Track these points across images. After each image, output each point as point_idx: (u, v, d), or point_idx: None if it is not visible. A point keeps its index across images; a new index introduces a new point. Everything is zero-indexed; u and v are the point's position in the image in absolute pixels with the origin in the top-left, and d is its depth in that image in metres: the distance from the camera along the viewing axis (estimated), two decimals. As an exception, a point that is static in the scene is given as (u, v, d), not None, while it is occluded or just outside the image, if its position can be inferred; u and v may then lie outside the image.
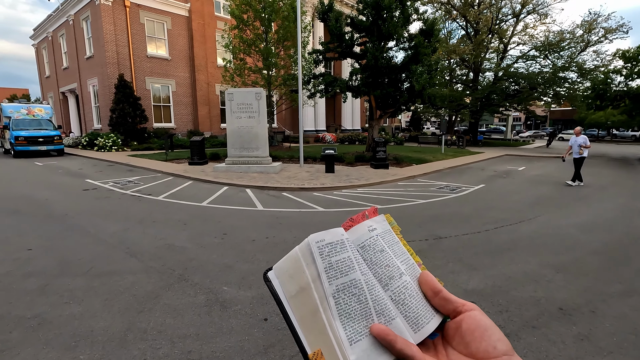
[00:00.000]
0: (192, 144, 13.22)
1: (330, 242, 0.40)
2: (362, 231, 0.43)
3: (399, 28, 13.44)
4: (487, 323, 0.38)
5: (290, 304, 0.39)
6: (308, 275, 0.39)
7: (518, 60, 26.90)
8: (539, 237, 5.26)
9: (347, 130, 30.37)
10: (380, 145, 12.33)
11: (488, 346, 0.36)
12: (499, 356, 0.36)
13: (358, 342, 0.36)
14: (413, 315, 0.40)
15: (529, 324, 2.94)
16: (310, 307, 0.38)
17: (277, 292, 0.40)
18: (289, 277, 0.40)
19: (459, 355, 0.38)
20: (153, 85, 21.57)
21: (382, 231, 0.44)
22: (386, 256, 0.42)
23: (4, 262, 4.19)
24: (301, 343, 0.38)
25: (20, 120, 17.62)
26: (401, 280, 0.41)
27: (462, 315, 0.40)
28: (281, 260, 0.41)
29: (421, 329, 0.39)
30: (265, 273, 0.42)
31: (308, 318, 0.38)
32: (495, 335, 0.37)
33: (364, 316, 0.38)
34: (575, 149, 9.67)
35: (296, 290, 0.39)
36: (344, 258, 0.39)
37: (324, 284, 0.38)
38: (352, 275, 0.39)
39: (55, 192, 8.51)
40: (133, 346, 2.64)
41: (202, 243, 4.89)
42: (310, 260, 0.39)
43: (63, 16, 23.52)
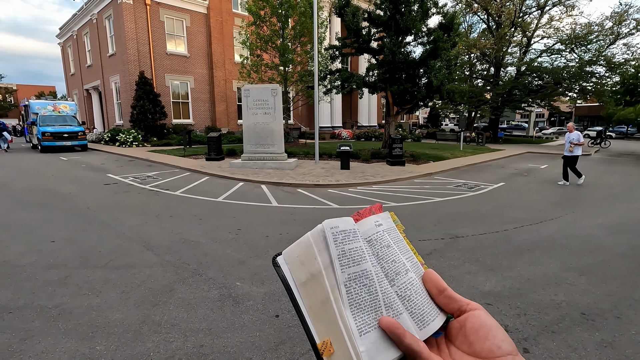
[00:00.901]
0: (210, 140, 13.41)
1: (343, 229, 0.39)
2: (369, 225, 0.42)
3: (417, 22, 13.16)
4: (492, 323, 0.38)
5: (300, 290, 0.38)
6: (320, 262, 0.37)
7: (542, 54, 25.93)
8: (561, 238, 5.07)
9: (364, 126, 30.14)
10: (397, 142, 12.16)
11: (492, 345, 0.36)
12: (504, 355, 0.35)
13: (367, 333, 0.36)
14: (418, 312, 0.39)
15: (549, 329, 2.83)
16: (320, 295, 0.37)
17: (287, 277, 0.39)
18: (300, 264, 0.39)
19: (462, 355, 0.38)
20: (172, 82, 21.97)
21: (387, 227, 0.44)
22: (392, 252, 0.42)
23: (29, 252, 4.36)
24: (310, 332, 0.37)
25: (47, 117, 18.30)
26: (407, 277, 0.41)
27: (466, 314, 0.39)
28: (292, 245, 0.40)
29: (426, 327, 0.39)
30: (274, 258, 0.41)
31: (318, 306, 0.37)
32: (499, 335, 0.37)
33: (373, 308, 0.37)
34: (566, 146, 9.21)
35: (307, 277, 0.38)
36: (356, 247, 0.39)
37: (337, 271, 0.37)
38: (364, 265, 0.38)
39: (79, 186, 8.80)
40: (147, 338, 2.70)
41: (217, 238, 4.95)
42: (323, 246, 0.38)
43: (87, 15, 24.21)
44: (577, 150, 9.12)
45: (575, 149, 9.09)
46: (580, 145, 9.02)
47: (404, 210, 6.58)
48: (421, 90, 13.74)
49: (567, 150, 9.15)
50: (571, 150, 9.08)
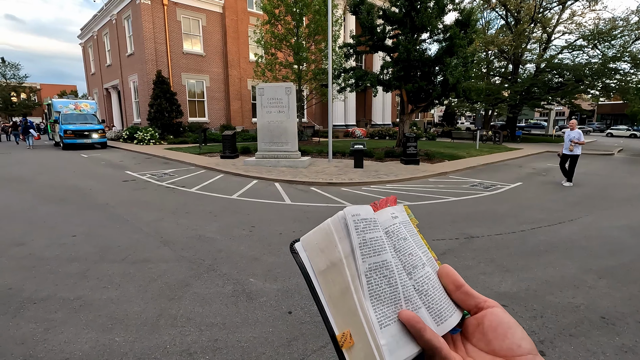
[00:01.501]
0: (224, 138, 13.58)
1: (365, 217, 0.38)
2: (386, 216, 0.41)
3: (433, 19, 12.98)
4: (510, 321, 0.37)
5: (319, 279, 0.37)
6: (340, 250, 0.36)
7: (563, 50, 25.18)
8: (580, 239, 4.93)
9: (378, 125, 29.95)
10: (411, 140, 12.05)
11: (512, 344, 0.35)
12: (524, 354, 0.34)
13: (387, 326, 0.35)
14: (436, 307, 0.38)
15: (566, 332, 2.77)
16: (341, 284, 0.36)
17: (305, 265, 0.38)
18: (319, 251, 0.38)
19: (479, 352, 0.37)
20: (188, 81, 22.32)
21: (403, 220, 0.43)
22: (409, 244, 0.41)
23: (52, 246, 4.52)
24: (329, 322, 0.36)
25: (69, 115, 18.89)
26: (424, 270, 0.40)
27: (484, 312, 0.38)
28: (310, 232, 0.39)
29: (444, 322, 0.38)
30: (292, 244, 0.40)
31: (337, 296, 0.36)
32: (518, 333, 0.36)
33: (393, 300, 0.36)
34: (566, 144, 8.82)
35: (326, 265, 0.37)
36: (377, 237, 0.38)
37: (358, 260, 0.36)
38: (384, 256, 0.37)
39: (98, 182, 9.06)
40: (164, 331, 2.77)
41: (231, 235, 5.02)
42: (344, 234, 0.36)
43: (107, 16, 24.81)
44: (577, 149, 8.74)
45: (576, 148, 8.72)
46: (581, 144, 8.64)
47: (417, 210, 6.52)
48: (436, 88, 13.55)
49: (567, 148, 8.78)
50: (571, 149, 8.70)
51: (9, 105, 45.77)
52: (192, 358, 2.47)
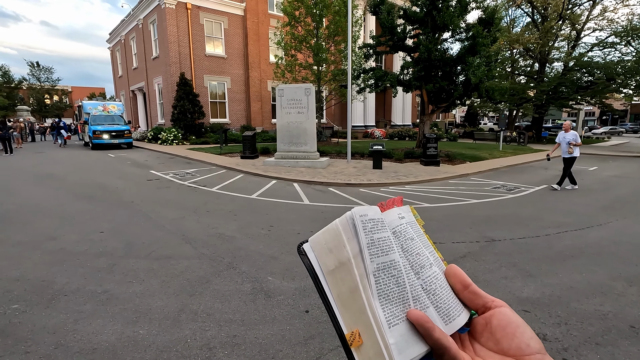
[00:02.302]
0: (245, 138, 13.80)
1: (372, 218, 0.38)
2: (393, 217, 0.41)
3: (455, 18, 12.74)
4: (519, 320, 0.37)
5: (327, 279, 0.38)
6: (349, 249, 0.37)
7: (593, 48, 24.13)
8: (610, 244, 4.73)
9: (397, 125, 29.64)
10: (431, 141, 11.86)
11: (521, 343, 0.35)
12: (533, 354, 0.34)
13: (396, 325, 0.35)
14: (444, 306, 0.38)
15: (592, 340, 2.67)
16: (349, 284, 0.36)
17: (313, 265, 0.39)
18: (328, 251, 0.38)
19: (487, 352, 0.37)
20: (210, 83, 22.81)
21: (409, 220, 0.43)
22: (416, 245, 0.41)
23: (81, 242, 4.74)
24: (337, 322, 0.36)
25: (97, 116, 19.69)
26: (431, 270, 0.40)
27: (492, 311, 0.38)
28: (318, 232, 0.39)
29: (452, 322, 0.38)
30: (299, 245, 0.41)
31: (346, 295, 0.36)
32: (527, 333, 0.36)
33: (401, 300, 0.36)
34: (563, 147, 8.38)
35: (335, 265, 0.37)
36: (384, 237, 0.38)
37: (366, 260, 0.36)
38: (392, 255, 0.37)
39: (124, 181, 9.41)
40: (185, 326, 2.85)
41: (250, 233, 5.11)
42: (352, 234, 0.37)
43: (134, 20, 25.71)
44: (576, 151, 8.34)
45: (575, 150, 8.31)
46: (578, 145, 8.25)
47: (437, 212, 6.42)
48: (458, 88, 13.30)
49: (566, 152, 8.36)
50: (570, 152, 8.29)
51: (43, 107, 48.16)
52: (212, 353, 2.54)
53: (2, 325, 2.84)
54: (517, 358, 0.35)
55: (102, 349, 2.56)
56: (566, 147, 8.33)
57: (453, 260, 4.12)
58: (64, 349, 2.56)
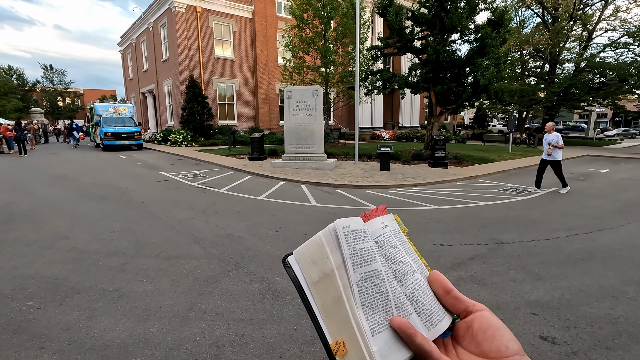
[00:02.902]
0: (252, 140, 13.90)
1: (355, 229, 0.39)
2: (376, 226, 0.42)
3: (464, 19, 12.67)
4: (499, 323, 0.38)
5: (312, 290, 0.39)
6: (332, 261, 0.37)
7: (605, 48, 23.77)
8: (622, 248, 4.66)
9: (405, 127, 29.52)
10: (440, 143, 11.81)
11: (500, 345, 0.37)
12: (511, 355, 0.36)
13: (379, 333, 0.36)
14: (427, 312, 0.39)
15: (602, 344, 2.64)
16: (333, 294, 0.37)
17: (298, 278, 0.39)
18: (312, 263, 0.39)
19: (469, 355, 0.38)
20: (219, 85, 23.03)
21: (393, 229, 0.44)
22: (399, 253, 0.42)
23: (94, 241, 4.83)
24: (322, 332, 0.37)
25: (108, 118, 20.02)
26: (414, 277, 0.41)
27: (473, 315, 0.40)
28: (302, 245, 0.40)
29: (435, 327, 0.39)
30: (284, 258, 0.41)
31: (330, 306, 0.37)
32: (506, 335, 0.37)
33: (384, 308, 0.37)
34: (545, 148, 8.23)
35: (319, 276, 0.38)
36: (367, 247, 0.39)
37: (349, 271, 0.37)
38: (375, 265, 0.38)
39: (135, 182, 9.55)
40: (194, 324, 2.90)
41: (258, 234, 5.15)
42: (335, 246, 0.38)
43: (144, 24, 26.11)
44: (557, 154, 8.15)
45: (555, 153, 8.13)
46: (560, 148, 8.06)
47: (445, 214, 6.39)
48: (467, 89, 13.22)
49: (545, 153, 8.22)
50: (549, 154, 8.14)
51: (56, 109, 49.13)
52: (220, 351, 2.57)
53: (18, 322, 2.92)
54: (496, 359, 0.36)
55: (113, 346, 2.62)
56: (546, 148, 8.20)
57: (461, 263, 4.11)
58: (77, 345, 2.62)
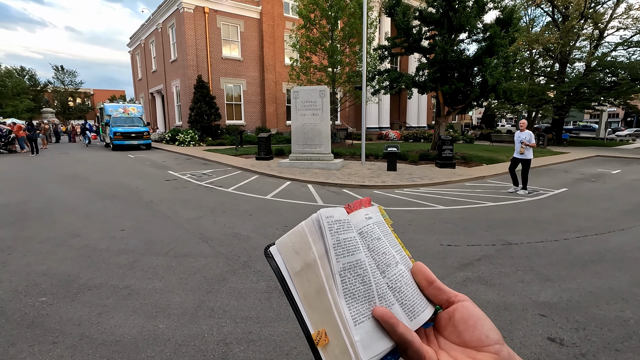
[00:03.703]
0: (260, 140, 13.97)
1: (338, 219, 0.39)
2: (360, 218, 0.42)
3: (472, 19, 12.58)
4: (479, 313, 0.39)
5: (294, 280, 0.39)
6: (315, 251, 0.37)
7: (617, 47, 23.37)
8: (633, 250, 4.59)
9: (412, 127, 29.39)
10: (447, 143, 11.74)
11: (481, 334, 0.37)
12: (491, 344, 0.37)
13: (362, 323, 0.36)
14: (409, 303, 0.40)
15: (612, 346, 2.62)
16: (315, 284, 0.37)
17: (280, 267, 0.39)
18: (294, 253, 0.39)
19: (450, 345, 0.39)
20: (226, 85, 23.18)
21: (377, 221, 0.44)
22: (382, 244, 0.42)
23: (104, 239, 4.92)
24: (304, 322, 0.37)
25: (118, 118, 20.28)
26: (397, 269, 0.41)
27: (455, 305, 0.40)
28: (285, 235, 0.40)
29: (417, 317, 0.39)
30: (266, 248, 0.41)
31: (312, 296, 0.37)
32: (487, 325, 0.38)
33: (367, 298, 0.37)
34: (517, 147, 8.08)
35: (301, 266, 0.38)
36: (350, 237, 0.39)
37: (332, 260, 0.37)
38: (358, 255, 0.38)
39: (144, 181, 9.67)
40: (202, 322, 2.94)
41: (265, 233, 5.19)
42: (318, 235, 0.38)
43: (153, 25, 26.39)
44: (529, 152, 8.01)
45: (527, 151, 7.99)
46: (531, 146, 7.92)
47: (452, 214, 6.36)
48: (475, 89, 13.12)
49: (518, 152, 8.07)
50: (522, 152, 8.00)
51: (66, 110, 49.91)
52: (228, 348, 2.61)
53: (32, 317, 2.99)
54: (477, 349, 0.37)
55: (124, 342, 2.67)
56: (519, 147, 8.07)
57: (468, 264, 4.09)
58: (89, 340, 2.68)
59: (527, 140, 7.96)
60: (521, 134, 8.12)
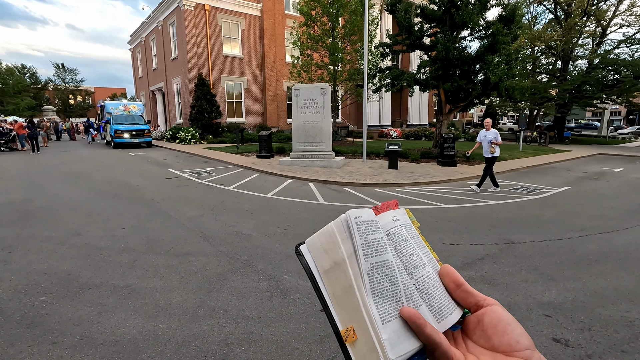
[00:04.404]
0: (261, 138, 13.93)
1: (366, 220, 0.40)
2: (387, 219, 0.43)
3: (475, 16, 12.49)
4: (509, 318, 0.38)
5: (323, 278, 0.39)
6: (343, 250, 0.38)
7: (620, 45, 23.22)
8: (637, 249, 4.55)
9: (413, 125, 29.31)
10: (449, 141, 11.69)
11: (510, 339, 0.36)
12: (522, 349, 0.36)
13: (389, 322, 0.36)
14: (436, 305, 0.40)
15: (618, 347, 2.58)
16: (343, 283, 0.38)
17: (310, 266, 0.40)
18: (324, 252, 0.40)
19: (479, 349, 0.38)
20: (227, 83, 23.11)
21: (404, 223, 0.45)
22: (410, 246, 0.42)
23: (105, 237, 4.89)
24: (333, 319, 0.38)
25: (119, 116, 20.25)
26: (424, 270, 0.41)
27: (483, 309, 0.40)
28: (315, 234, 0.41)
29: (444, 320, 0.39)
30: (297, 247, 0.42)
31: (341, 294, 0.38)
32: (517, 330, 0.37)
33: (394, 298, 0.38)
34: (485, 147, 7.98)
35: (330, 265, 0.39)
36: (378, 238, 0.39)
37: (360, 260, 0.38)
38: (385, 255, 0.39)
39: (145, 179, 9.65)
40: (203, 321, 2.91)
41: (267, 232, 5.16)
42: (346, 235, 0.39)
43: (154, 22, 26.30)
44: (497, 151, 7.95)
45: (495, 150, 7.93)
46: (498, 144, 7.86)
47: (455, 213, 6.32)
48: (477, 87, 13.05)
49: (488, 151, 7.97)
50: (492, 152, 7.91)
51: (67, 107, 49.91)
52: (229, 349, 2.58)
53: (31, 317, 2.97)
54: (506, 354, 0.36)
55: (124, 342, 2.64)
56: (488, 147, 7.98)
57: (471, 263, 4.05)
58: (89, 341, 2.65)
59: (495, 139, 7.91)
60: (488, 134, 8.05)
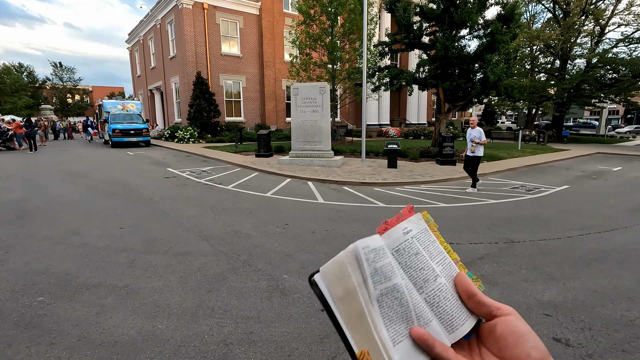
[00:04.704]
0: (259, 137, 13.89)
1: (374, 248, 0.41)
2: (397, 234, 0.44)
3: (474, 15, 12.47)
4: (523, 329, 0.38)
5: (337, 305, 0.41)
6: (354, 279, 0.40)
7: (618, 44, 23.27)
8: (637, 248, 4.55)
9: (412, 124, 29.31)
10: (447, 140, 11.68)
11: (521, 353, 0.36)
12: None
13: (400, 343, 0.38)
14: (447, 317, 0.41)
15: (618, 347, 2.58)
16: (356, 309, 0.40)
17: (324, 294, 0.42)
18: (337, 280, 0.41)
19: (493, 357, 0.39)
20: (226, 82, 23.05)
21: (417, 232, 0.45)
22: (421, 259, 0.43)
23: (103, 237, 4.87)
24: (348, 343, 0.39)
25: (117, 115, 20.17)
26: (436, 283, 0.43)
27: (496, 320, 0.40)
28: (327, 263, 0.43)
29: (455, 331, 0.41)
30: (311, 276, 0.43)
31: (354, 319, 0.40)
32: (529, 342, 0.37)
33: (404, 318, 0.40)
34: (468, 145, 7.90)
35: (343, 293, 0.41)
36: (387, 264, 0.41)
37: (370, 288, 0.40)
38: (395, 280, 0.41)
39: (143, 178, 9.61)
40: (202, 322, 2.89)
41: (266, 231, 5.14)
42: (356, 265, 0.40)
43: (152, 21, 26.19)
44: (479, 150, 7.84)
45: (477, 149, 7.82)
46: (482, 144, 7.75)
47: (454, 212, 6.32)
48: (476, 86, 13.03)
49: (469, 150, 7.87)
50: (473, 151, 7.81)
51: (65, 106, 49.70)
52: (229, 349, 2.56)
53: (29, 317, 2.95)
54: None
55: (123, 342, 2.62)
56: (470, 145, 7.89)
57: (471, 262, 4.05)
58: (87, 341, 2.63)
59: (477, 138, 7.78)
60: (472, 132, 7.91)
